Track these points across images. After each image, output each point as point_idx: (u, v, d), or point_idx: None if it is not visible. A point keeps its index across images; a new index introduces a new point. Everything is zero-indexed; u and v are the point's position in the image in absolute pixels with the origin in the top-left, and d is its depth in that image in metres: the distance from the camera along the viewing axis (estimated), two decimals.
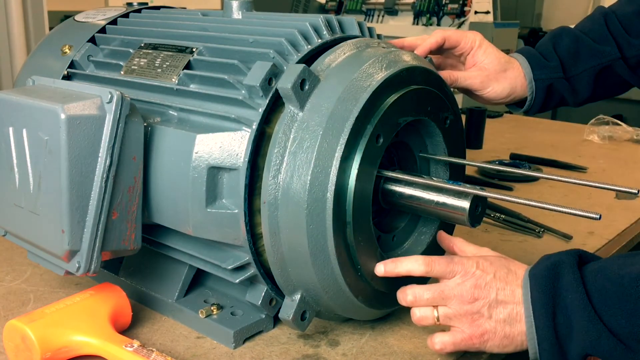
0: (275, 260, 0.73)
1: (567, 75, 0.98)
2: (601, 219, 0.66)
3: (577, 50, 0.98)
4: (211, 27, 0.86)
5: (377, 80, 0.71)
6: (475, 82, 0.95)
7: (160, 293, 0.85)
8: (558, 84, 0.98)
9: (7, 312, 0.84)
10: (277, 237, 0.71)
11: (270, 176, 0.69)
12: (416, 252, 0.84)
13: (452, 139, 0.84)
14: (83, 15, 1.02)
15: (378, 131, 0.71)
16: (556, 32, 1.02)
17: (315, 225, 0.68)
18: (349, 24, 0.82)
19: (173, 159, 0.74)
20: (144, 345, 0.71)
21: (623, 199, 1.34)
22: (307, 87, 0.70)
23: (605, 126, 1.92)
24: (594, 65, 0.98)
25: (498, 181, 1.45)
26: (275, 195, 0.69)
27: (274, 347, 0.77)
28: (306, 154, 0.68)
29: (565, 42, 0.99)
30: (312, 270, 0.71)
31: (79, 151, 0.68)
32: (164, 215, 0.77)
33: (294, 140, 0.69)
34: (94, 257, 0.70)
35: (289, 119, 0.70)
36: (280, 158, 0.69)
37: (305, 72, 0.69)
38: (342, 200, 0.69)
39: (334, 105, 0.68)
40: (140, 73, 0.84)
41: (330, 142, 0.68)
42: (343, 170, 0.68)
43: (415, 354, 0.77)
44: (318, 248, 0.69)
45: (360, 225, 0.72)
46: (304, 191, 0.67)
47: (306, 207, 0.68)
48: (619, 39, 0.97)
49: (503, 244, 1.11)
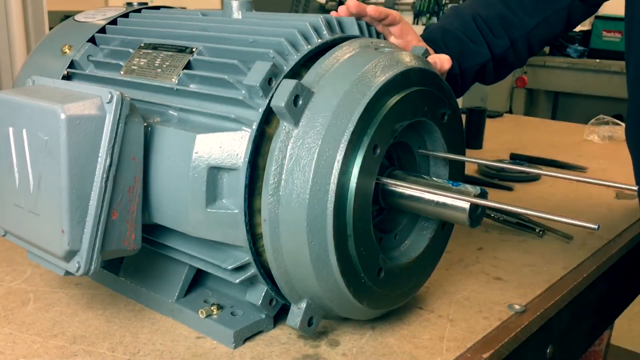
0: (279, 274, 0.73)
1: (456, 72, 1.08)
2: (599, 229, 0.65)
3: (462, 50, 1.09)
4: (211, 27, 0.86)
5: (371, 90, 0.70)
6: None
7: (160, 293, 0.85)
8: (451, 79, 1.07)
9: (7, 312, 0.84)
10: (279, 253, 0.71)
11: (269, 194, 0.69)
12: (418, 248, 0.84)
13: (451, 134, 0.83)
14: (83, 15, 1.02)
15: (375, 142, 0.70)
16: (443, 29, 1.11)
17: (316, 241, 0.68)
18: (349, 23, 0.82)
19: (173, 159, 0.74)
20: None
21: (623, 198, 1.34)
22: (300, 103, 0.69)
23: (605, 126, 1.92)
24: (475, 64, 1.11)
25: (498, 181, 1.45)
26: (276, 213, 0.69)
27: (274, 347, 0.77)
28: (303, 172, 0.67)
29: (453, 42, 1.09)
30: (315, 283, 0.71)
31: (79, 151, 0.67)
32: (164, 215, 0.77)
33: (291, 157, 0.68)
34: (93, 257, 0.70)
35: (284, 136, 0.69)
36: (278, 176, 0.69)
37: (298, 88, 0.68)
38: (341, 215, 0.69)
39: (329, 121, 0.68)
40: (140, 73, 0.84)
41: (326, 158, 0.68)
42: (341, 186, 0.68)
43: (415, 354, 0.77)
44: (320, 262, 0.69)
45: (361, 237, 0.72)
46: (303, 209, 0.67)
47: (306, 225, 0.67)
48: (488, 40, 1.11)
49: (503, 243, 1.11)
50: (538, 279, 0.97)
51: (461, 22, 1.12)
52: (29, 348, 0.76)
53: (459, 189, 0.75)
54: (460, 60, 1.08)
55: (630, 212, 1.26)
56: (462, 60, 1.09)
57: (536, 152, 1.70)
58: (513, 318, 0.85)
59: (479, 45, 1.10)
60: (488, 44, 1.10)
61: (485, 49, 1.10)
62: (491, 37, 1.11)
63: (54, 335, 0.79)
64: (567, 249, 1.09)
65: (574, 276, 0.99)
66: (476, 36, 1.10)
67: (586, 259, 1.05)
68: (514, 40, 1.12)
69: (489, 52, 1.10)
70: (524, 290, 0.93)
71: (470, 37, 1.10)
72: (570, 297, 0.95)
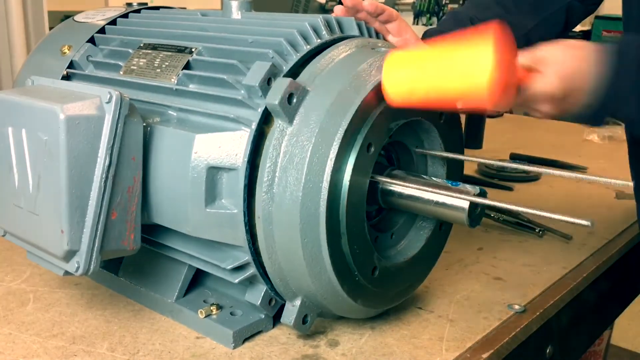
0: (273, 270, 0.73)
1: None
2: (593, 226, 0.65)
3: None
4: (210, 27, 0.86)
5: (366, 89, 0.70)
6: None
7: (159, 293, 0.85)
8: None
9: (7, 312, 0.84)
10: (273, 250, 0.71)
11: (263, 191, 0.69)
12: (415, 248, 0.83)
13: (448, 134, 0.83)
14: (83, 16, 1.02)
15: (369, 140, 0.70)
16: (442, 33, 1.07)
17: (309, 238, 0.69)
18: (348, 24, 0.82)
19: (172, 159, 0.74)
20: None
21: (623, 198, 1.34)
22: (294, 101, 0.69)
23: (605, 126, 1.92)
24: None
25: (498, 181, 1.45)
26: (269, 210, 0.69)
27: (273, 347, 0.77)
28: (297, 169, 0.68)
29: None
30: (309, 280, 0.71)
31: (78, 151, 0.67)
32: (164, 215, 0.77)
33: (285, 154, 0.69)
34: (93, 257, 0.70)
35: (278, 133, 0.69)
36: (272, 173, 0.69)
37: (292, 86, 0.68)
38: (334, 212, 0.69)
39: (322, 119, 0.68)
40: (139, 73, 0.84)
41: (320, 156, 0.68)
42: (334, 184, 0.68)
43: (414, 354, 0.76)
44: (313, 259, 0.70)
45: (354, 235, 0.72)
46: (296, 206, 0.67)
47: (299, 222, 0.68)
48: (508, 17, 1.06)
49: (503, 243, 1.11)
50: (538, 279, 0.97)
51: (459, 26, 1.11)
52: (28, 348, 0.76)
53: (458, 188, 0.75)
54: None
55: (629, 212, 1.26)
56: None
57: (536, 152, 1.69)
58: (513, 318, 0.85)
59: None
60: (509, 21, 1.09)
61: None
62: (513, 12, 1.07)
63: (53, 336, 0.79)
64: (567, 249, 1.09)
65: (574, 276, 0.99)
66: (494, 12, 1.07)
67: (586, 259, 1.05)
68: None
69: None
70: (523, 290, 0.93)
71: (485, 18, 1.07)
72: (570, 297, 0.95)
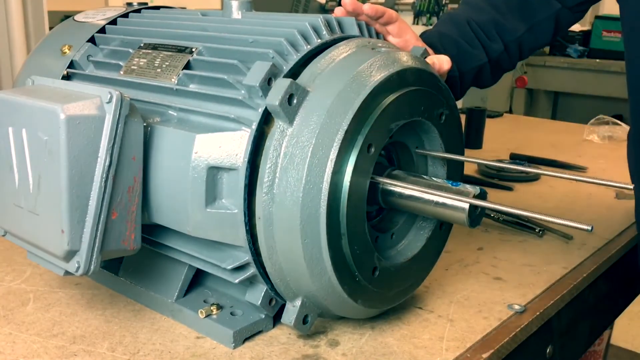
0: (273, 271, 0.73)
1: (455, 74, 1.09)
2: (593, 230, 0.65)
3: (459, 53, 1.10)
4: (211, 27, 0.86)
5: (366, 89, 0.70)
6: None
7: (159, 293, 0.85)
8: (450, 81, 1.07)
9: (7, 312, 0.84)
10: (273, 250, 0.71)
11: (264, 192, 0.69)
12: (415, 248, 0.83)
13: (448, 134, 0.83)
14: (83, 16, 1.02)
15: (369, 141, 0.70)
16: (440, 33, 1.12)
17: (309, 239, 0.69)
18: (349, 23, 0.82)
19: (173, 159, 0.74)
20: None
21: (623, 198, 1.34)
22: (295, 102, 0.69)
23: (605, 126, 1.92)
24: (473, 67, 1.12)
25: (498, 181, 1.45)
26: (270, 211, 0.69)
27: (273, 347, 0.77)
28: (297, 170, 0.68)
29: (450, 46, 1.10)
30: (310, 281, 0.71)
31: (79, 151, 0.68)
32: (164, 215, 0.77)
33: (285, 155, 0.69)
34: (93, 257, 0.70)
35: (279, 134, 0.69)
36: (272, 174, 0.69)
37: (293, 87, 0.68)
38: (335, 213, 0.69)
39: (323, 119, 0.68)
40: (139, 73, 0.84)
41: (320, 157, 0.68)
42: (335, 184, 0.68)
43: (414, 354, 0.77)
44: (314, 260, 0.70)
45: (355, 235, 0.72)
46: (296, 207, 0.67)
47: (300, 223, 0.68)
48: (484, 44, 1.12)
49: (503, 243, 1.11)
50: (538, 279, 0.97)
51: (457, 27, 1.13)
52: (28, 348, 0.76)
53: (458, 189, 0.75)
54: (458, 63, 1.09)
55: (629, 212, 1.26)
56: (460, 63, 1.09)
57: (536, 152, 1.70)
58: (513, 318, 0.85)
59: (476, 49, 1.11)
60: (484, 47, 1.12)
61: (482, 52, 1.12)
62: (487, 41, 1.12)
63: (53, 335, 0.79)
64: (567, 249, 1.09)
65: (574, 276, 0.99)
66: (472, 40, 1.11)
67: (586, 259, 1.05)
68: (507, 44, 1.14)
69: (485, 56, 1.12)
70: (523, 290, 0.93)
71: (467, 41, 1.11)
72: (570, 297, 0.95)
